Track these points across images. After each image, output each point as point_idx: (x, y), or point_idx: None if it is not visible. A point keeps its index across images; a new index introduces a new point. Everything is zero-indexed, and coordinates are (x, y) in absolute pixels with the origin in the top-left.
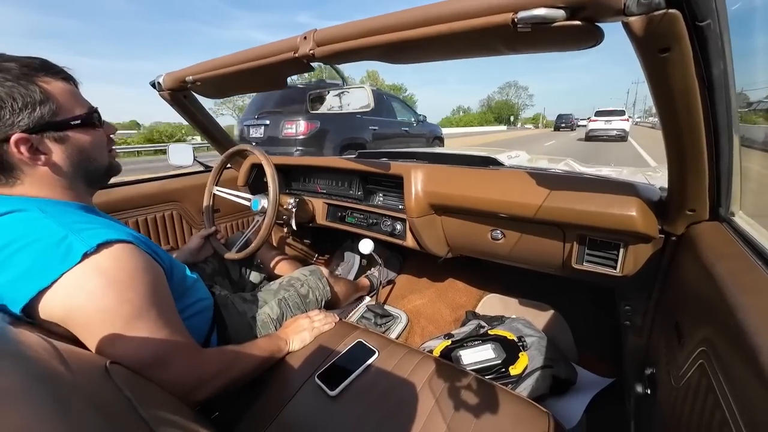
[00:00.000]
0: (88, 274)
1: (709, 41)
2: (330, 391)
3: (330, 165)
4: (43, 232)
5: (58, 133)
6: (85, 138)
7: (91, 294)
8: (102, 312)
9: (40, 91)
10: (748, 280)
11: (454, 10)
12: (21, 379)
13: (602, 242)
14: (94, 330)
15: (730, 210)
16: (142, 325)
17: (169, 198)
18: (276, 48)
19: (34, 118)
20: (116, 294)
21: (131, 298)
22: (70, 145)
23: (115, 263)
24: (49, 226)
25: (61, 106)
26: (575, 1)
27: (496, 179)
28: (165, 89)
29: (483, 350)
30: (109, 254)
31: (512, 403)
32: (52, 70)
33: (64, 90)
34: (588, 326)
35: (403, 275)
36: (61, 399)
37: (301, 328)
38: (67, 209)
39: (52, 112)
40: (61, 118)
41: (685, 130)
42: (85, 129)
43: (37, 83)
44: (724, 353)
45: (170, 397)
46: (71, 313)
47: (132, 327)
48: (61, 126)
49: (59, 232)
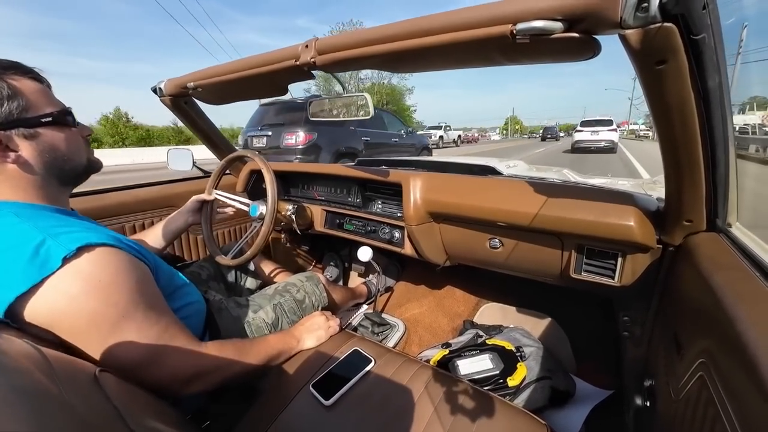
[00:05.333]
0: (69, 279)
1: (705, 54)
2: (325, 400)
3: (329, 172)
4: (20, 238)
5: (28, 130)
6: (58, 136)
7: (75, 299)
8: (88, 317)
9: (8, 87)
10: (747, 290)
11: (454, 21)
12: (1, 391)
13: (600, 252)
14: (82, 335)
15: (727, 221)
16: (130, 326)
17: (168, 203)
18: (277, 56)
19: (1, 114)
20: (100, 298)
21: (116, 300)
22: (41, 142)
23: (97, 266)
24: (25, 230)
25: (31, 103)
26: (573, 13)
27: (495, 188)
28: (166, 95)
29: (481, 360)
30: (90, 258)
31: (510, 415)
32: (21, 70)
33: (34, 88)
34: (586, 337)
35: (401, 283)
36: (43, 413)
37: (315, 326)
38: (42, 212)
39: (21, 109)
40: (31, 115)
41: (681, 141)
42: (57, 127)
43: (5, 80)
44: (723, 365)
45: (160, 407)
46: (56, 318)
47: (120, 330)
48: (30, 123)
49: (36, 237)
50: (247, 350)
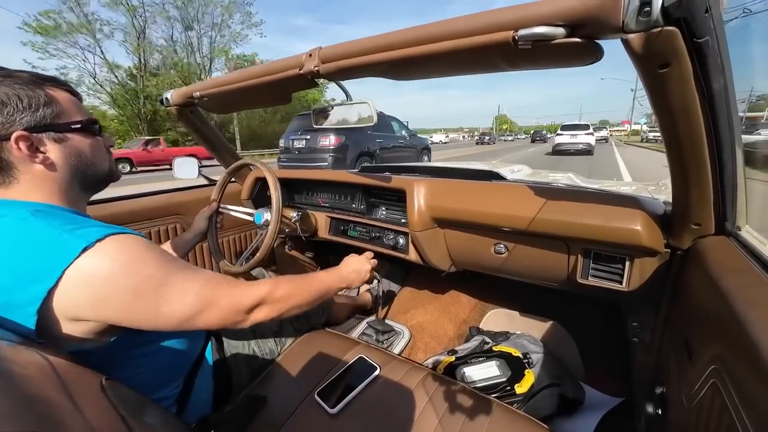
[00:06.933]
0: (99, 263)
1: (708, 57)
2: (330, 408)
3: (333, 179)
4: (35, 235)
5: (58, 134)
6: (84, 142)
7: (110, 281)
8: (130, 292)
9: (45, 95)
10: (758, 295)
11: (457, 28)
12: (8, 400)
13: (607, 256)
14: (131, 313)
15: (736, 224)
16: (172, 290)
17: (173, 211)
18: (281, 65)
19: (36, 117)
20: (134, 273)
21: (150, 272)
22: (69, 146)
23: (120, 249)
24: (40, 228)
25: (64, 110)
26: (574, 19)
27: (499, 193)
28: (172, 104)
29: (488, 367)
30: (112, 243)
31: (519, 424)
32: (58, 82)
33: (68, 99)
34: (594, 343)
35: (406, 289)
36: (50, 421)
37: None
38: (60, 212)
39: (54, 115)
40: (63, 121)
41: (687, 144)
42: (84, 134)
43: (44, 89)
44: (736, 371)
45: (165, 415)
46: (99, 304)
47: (165, 295)
48: (61, 128)
49: (50, 234)
50: (299, 282)
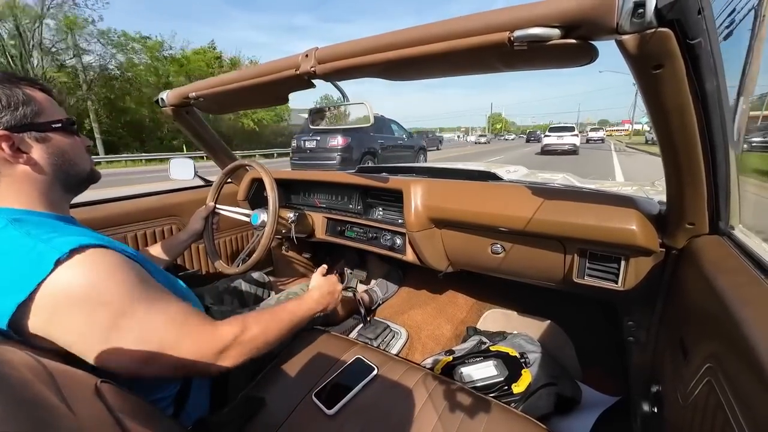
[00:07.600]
0: (64, 281)
1: (701, 58)
2: (327, 410)
3: (329, 180)
4: (13, 245)
5: (39, 133)
6: (66, 142)
7: (72, 302)
8: (86, 320)
9: (22, 93)
10: (752, 294)
11: (453, 29)
12: (0, 403)
13: (603, 256)
14: (82, 341)
15: (729, 223)
16: (130, 323)
17: (168, 212)
18: (278, 65)
19: (17, 116)
20: (97, 298)
21: (112, 299)
22: (51, 146)
23: (91, 267)
24: (16, 238)
25: (43, 109)
26: (569, 20)
27: (495, 193)
28: (168, 105)
29: (485, 367)
30: (83, 259)
31: (516, 423)
32: (33, 81)
33: (45, 98)
34: (591, 342)
35: (404, 289)
36: (44, 424)
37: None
38: (39, 219)
39: (34, 113)
40: (43, 119)
41: (681, 144)
42: (65, 134)
43: (21, 88)
44: (731, 370)
45: (161, 418)
46: (54, 325)
47: (119, 329)
48: (42, 127)
49: (27, 243)
50: (269, 318)
